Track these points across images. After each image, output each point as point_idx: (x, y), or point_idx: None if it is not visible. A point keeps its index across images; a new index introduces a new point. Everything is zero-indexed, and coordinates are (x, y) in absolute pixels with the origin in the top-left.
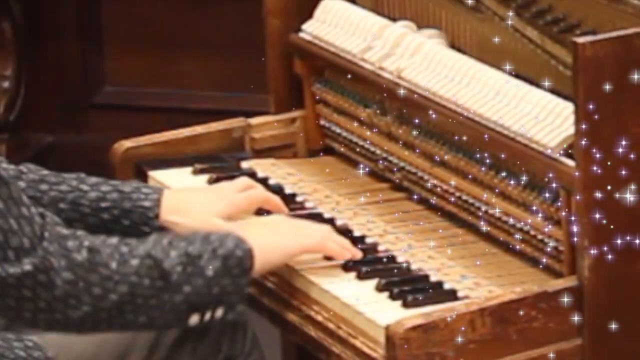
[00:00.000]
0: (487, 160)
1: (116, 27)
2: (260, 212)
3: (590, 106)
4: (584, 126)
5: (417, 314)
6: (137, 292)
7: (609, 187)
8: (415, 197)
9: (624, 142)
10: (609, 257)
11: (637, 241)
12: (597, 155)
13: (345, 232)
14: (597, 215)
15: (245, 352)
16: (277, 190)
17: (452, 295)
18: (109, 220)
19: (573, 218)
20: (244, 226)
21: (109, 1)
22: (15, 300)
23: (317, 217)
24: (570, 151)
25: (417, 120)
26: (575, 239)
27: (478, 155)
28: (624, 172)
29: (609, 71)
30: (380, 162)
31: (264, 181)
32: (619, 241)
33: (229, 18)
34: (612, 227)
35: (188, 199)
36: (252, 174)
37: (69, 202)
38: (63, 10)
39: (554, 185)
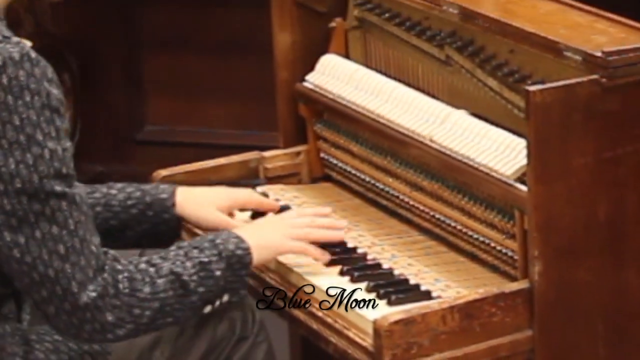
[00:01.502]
0: (456, 186)
1: (155, 77)
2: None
3: (540, 142)
4: (534, 158)
5: (399, 311)
6: (166, 303)
7: (554, 208)
8: (398, 216)
9: (567, 172)
10: (555, 264)
11: (577, 251)
12: (545, 182)
13: (340, 244)
14: (545, 231)
15: (254, 333)
16: (285, 209)
17: (427, 295)
18: (137, 213)
19: (525, 233)
20: (245, 228)
21: (149, 56)
22: (79, 321)
23: None
24: (523, 178)
25: (399, 154)
26: (527, 249)
27: (448, 182)
28: (567, 196)
29: (555, 114)
30: (369, 187)
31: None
32: (562, 251)
33: (247, 70)
34: (557, 240)
35: (197, 195)
36: (265, 197)
37: (102, 205)
38: (112, 63)
39: (510, 206)
